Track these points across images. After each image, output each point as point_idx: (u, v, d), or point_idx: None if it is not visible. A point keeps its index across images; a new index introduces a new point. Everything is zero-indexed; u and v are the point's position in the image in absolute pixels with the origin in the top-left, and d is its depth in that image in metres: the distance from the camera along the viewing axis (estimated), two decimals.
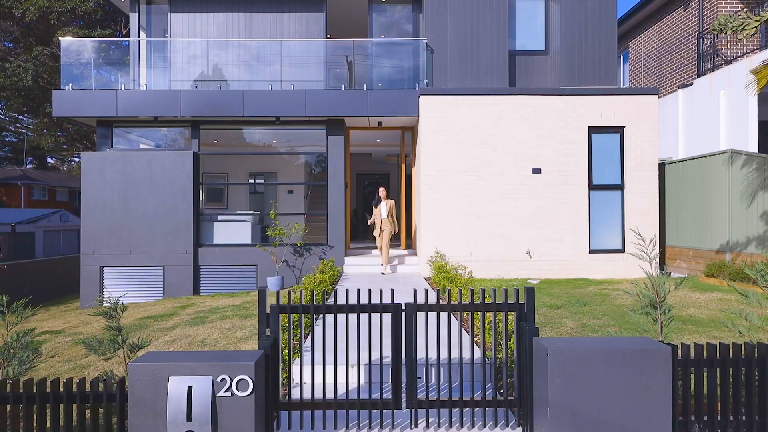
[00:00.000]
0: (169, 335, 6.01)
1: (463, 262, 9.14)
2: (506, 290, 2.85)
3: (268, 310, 2.93)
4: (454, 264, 8.69)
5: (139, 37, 10.56)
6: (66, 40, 10.12)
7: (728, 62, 10.77)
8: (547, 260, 9.23)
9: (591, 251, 9.28)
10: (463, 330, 4.63)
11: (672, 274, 9.44)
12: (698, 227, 9.14)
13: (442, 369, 3.41)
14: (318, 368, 3.70)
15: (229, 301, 8.23)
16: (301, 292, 2.92)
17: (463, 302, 2.90)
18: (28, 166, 39.29)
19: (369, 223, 9.68)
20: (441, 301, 3.05)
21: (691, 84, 10.93)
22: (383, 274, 9.31)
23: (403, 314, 2.92)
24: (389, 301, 4.99)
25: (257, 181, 11.34)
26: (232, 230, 10.44)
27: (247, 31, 10.50)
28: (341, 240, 10.01)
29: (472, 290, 2.89)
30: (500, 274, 9.23)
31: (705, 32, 11.12)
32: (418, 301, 2.97)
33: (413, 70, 10.12)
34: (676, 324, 5.27)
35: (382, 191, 9.53)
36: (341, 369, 3.86)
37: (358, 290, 3.02)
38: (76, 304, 11.09)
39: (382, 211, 9.33)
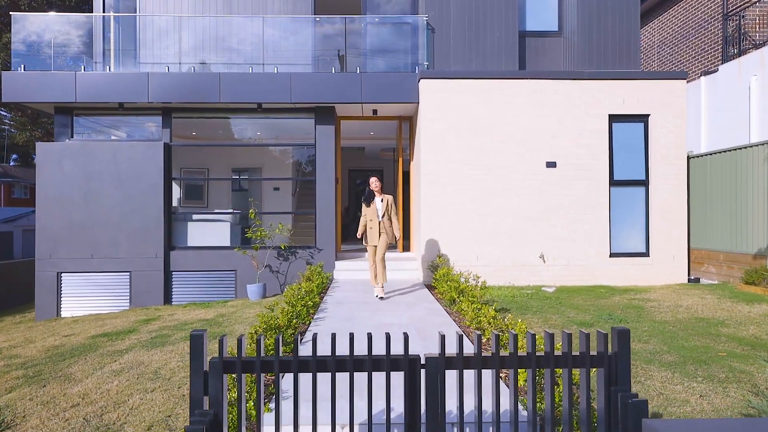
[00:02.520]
0: (118, 362, 4.90)
1: (468, 266, 8.11)
2: (586, 335, 1.79)
3: (206, 366, 1.85)
4: (462, 271, 7.66)
5: (104, 13, 9.37)
6: (18, 15, 8.92)
7: (757, 46, 9.83)
8: (562, 265, 8.22)
9: (612, 255, 8.28)
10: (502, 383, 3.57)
11: (701, 280, 8.47)
12: (730, 228, 8.17)
13: None
14: (288, 430, 2.63)
15: (201, 314, 7.13)
16: (259, 341, 1.85)
17: (518, 353, 1.83)
18: (11, 164, 37.65)
19: (358, 234, 7.00)
20: (476, 348, 1.99)
21: (716, 70, 9.97)
22: (381, 298, 6.68)
23: (423, 371, 1.85)
24: (401, 349, 3.94)
25: (238, 176, 10.21)
26: (209, 231, 9.31)
27: (226, 7, 9.36)
28: (331, 242, 8.93)
29: (533, 336, 1.82)
30: (510, 281, 8.20)
31: (731, 13, 10.16)
32: (447, 351, 1.92)
33: (412, 51, 9.05)
34: (745, 350, 4.27)
35: (374, 182, 6.89)
36: (324, 430, 2.78)
37: (351, 335, 1.95)
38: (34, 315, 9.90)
39: (377, 209, 6.81)
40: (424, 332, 4.77)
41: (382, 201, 6.88)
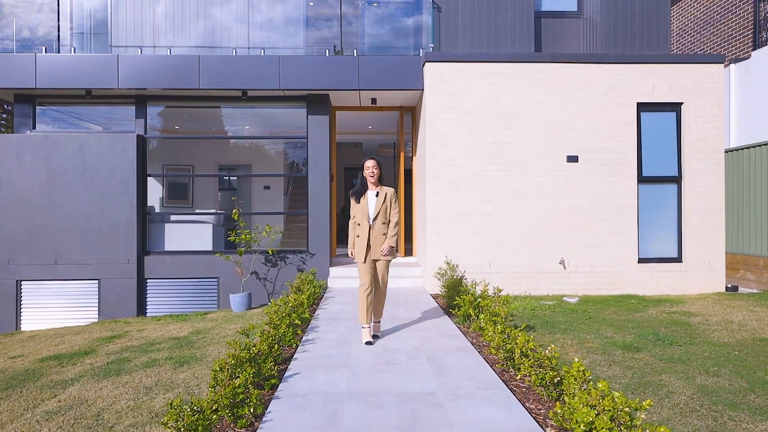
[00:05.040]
0: (58, 398, 3.94)
1: (480, 273, 7.20)
2: None
3: None
4: (474, 279, 6.74)
5: None
6: None
7: None
8: (585, 272, 7.31)
9: (640, 260, 7.37)
10: None
11: (739, 288, 7.57)
12: None
13: None
14: None
15: (174, 330, 6.17)
16: None
17: None
18: None
19: (349, 251, 4.68)
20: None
21: (748, 57, 9.09)
22: (370, 342, 4.43)
23: None
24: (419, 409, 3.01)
25: (222, 173, 9.23)
26: (189, 234, 8.35)
27: None
28: (325, 246, 7.99)
29: None
30: (526, 290, 7.29)
31: None
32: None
33: (415, 33, 8.13)
34: None
35: (370, 167, 4.56)
36: None
37: None
38: None
39: (369, 206, 4.53)
40: (438, 362, 3.83)
41: (377, 195, 4.56)
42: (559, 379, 2.91)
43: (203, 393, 3.71)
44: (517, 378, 3.32)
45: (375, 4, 8.28)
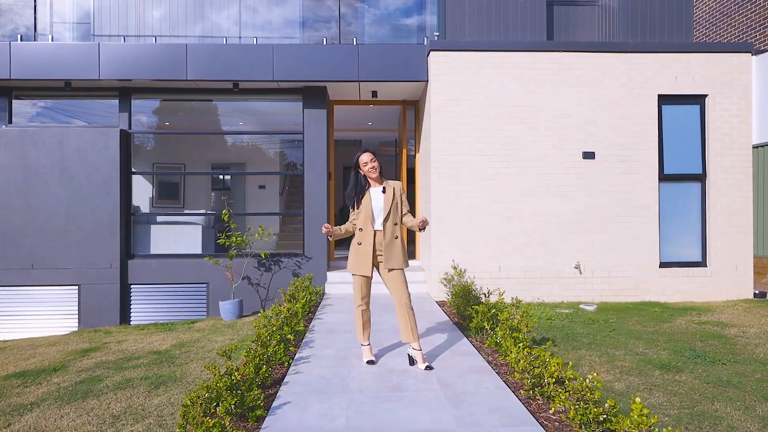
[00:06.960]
0: (8, 429, 3.39)
1: (489, 278, 6.67)
2: None
3: None
4: (483, 285, 6.19)
5: None
6: None
7: None
8: (602, 277, 6.78)
9: (661, 264, 6.85)
10: None
11: (767, 295, 7.05)
12: None
13: None
14: None
15: (157, 342, 5.62)
16: None
17: None
18: None
19: (349, 266, 3.87)
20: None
21: None
22: (372, 362, 3.87)
23: None
24: None
25: (215, 171, 8.67)
26: (177, 236, 7.80)
27: None
28: (322, 248, 7.45)
29: None
30: (539, 296, 6.76)
31: None
32: None
33: (419, 22, 7.60)
34: None
35: (367, 161, 3.73)
36: None
37: None
38: None
39: (375, 206, 3.74)
40: (453, 387, 3.30)
41: (384, 192, 3.77)
42: (605, 416, 2.38)
43: (176, 425, 3.17)
44: (550, 411, 2.78)
45: None
